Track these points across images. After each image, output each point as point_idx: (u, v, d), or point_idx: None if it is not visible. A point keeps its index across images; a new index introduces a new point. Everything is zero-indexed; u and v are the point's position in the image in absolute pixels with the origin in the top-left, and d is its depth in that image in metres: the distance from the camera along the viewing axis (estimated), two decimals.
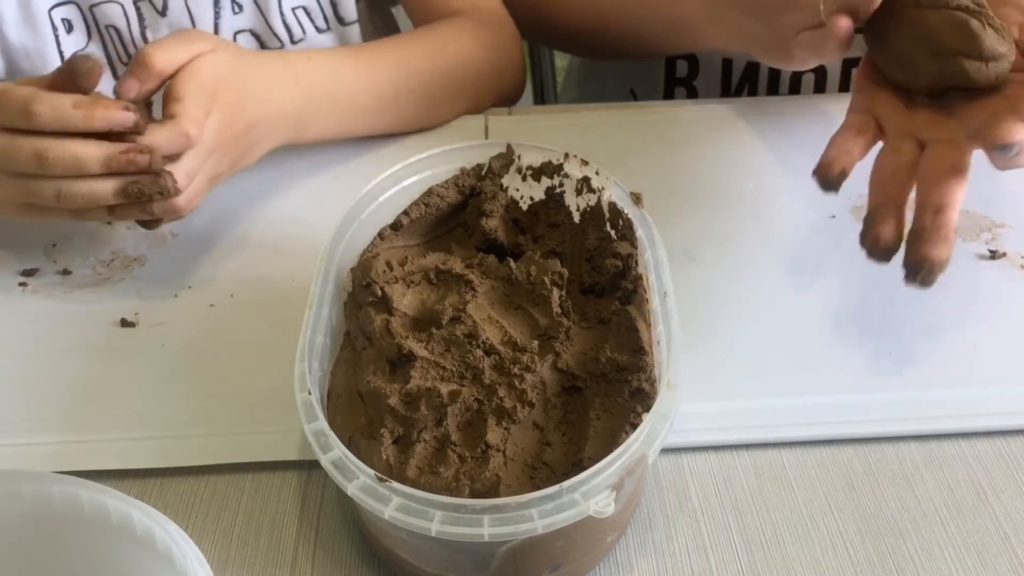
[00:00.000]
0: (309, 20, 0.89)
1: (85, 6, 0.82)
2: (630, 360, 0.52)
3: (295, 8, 0.88)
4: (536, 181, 0.63)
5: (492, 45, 0.87)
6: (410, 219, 0.61)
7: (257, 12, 0.87)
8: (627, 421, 0.49)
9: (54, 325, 0.67)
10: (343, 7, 0.89)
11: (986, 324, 0.64)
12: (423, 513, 0.45)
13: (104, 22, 0.83)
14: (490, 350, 0.52)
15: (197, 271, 0.71)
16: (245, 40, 0.88)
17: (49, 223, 0.76)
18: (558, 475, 0.48)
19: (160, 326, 0.67)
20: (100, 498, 0.43)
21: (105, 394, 0.62)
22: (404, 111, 0.82)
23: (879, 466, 0.57)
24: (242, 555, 0.54)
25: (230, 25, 0.87)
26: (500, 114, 0.87)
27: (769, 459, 0.58)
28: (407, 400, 0.50)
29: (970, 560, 0.52)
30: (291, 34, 0.88)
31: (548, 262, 0.57)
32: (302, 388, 0.50)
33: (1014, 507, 0.55)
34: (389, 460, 0.48)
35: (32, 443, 0.59)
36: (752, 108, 0.85)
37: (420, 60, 0.82)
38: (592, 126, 0.85)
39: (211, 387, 0.62)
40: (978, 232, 0.71)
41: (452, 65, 0.83)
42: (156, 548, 0.42)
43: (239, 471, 0.58)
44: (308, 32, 0.89)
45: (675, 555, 0.53)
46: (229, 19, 0.86)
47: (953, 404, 0.59)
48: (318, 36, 0.90)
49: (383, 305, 0.55)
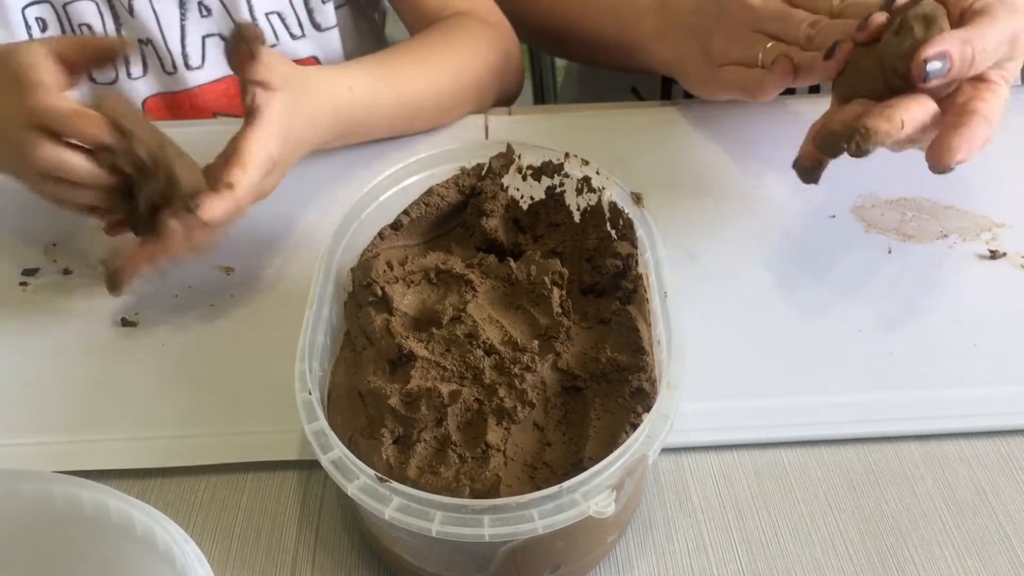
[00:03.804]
0: (283, 26, 0.88)
1: (59, 5, 0.82)
2: (630, 360, 0.52)
3: (268, 13, 0.87)
4: (536, 181, 0.63)
5: (497, 48, 0.87)
6: (410, 219, 0.61)
7: (226, 16, 0.86)
8: (627, 421, 0.49)
9: (54, 325, 0.67)
10: (320, 13, 0.88)
11: (986, 324, 0.64)
12: (423, 513, 0.45)
13: (78, 20, 0.83)
14: (490, 350, 0.52)
15: (197, 271, 0.71)
16: (215, 44, 0.88)
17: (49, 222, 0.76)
18: (558, 475, 0.48)
19: (160, 326, 0.67)
20: (100, 498, 0.43)
21: (105, 394, 0.62)
22: (424, 119, 0.82)
23: (879, 466, 0.57)
24: (242, 555, 0.54)
25: (197, 28, 0.86)
26: (500, 114, 0.87)
27: (769, 459, 0.58)
28: (407, 400, 0.50)
29: (970, 560, 0.52)
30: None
31: (548, 262, 0.57)
32: (302, 388, 0.50)
33: (1014, 507, 0.55)
34: (389, 460, 0.48)
35: (32, 443, 0.59)
36: (752, 108, 0.85)
37: (443, 74, 0.82)
38: (592, 126, 0.85)
39: (211, 387, 0.62)
40: (978, 232, 0.71)
41: (468, 72, 0.84)
42: (156, 548, 0.42)
43: (239, 471, 0.58)
44: (282, 38, 0.88)
45: (675, 555, 0.53)
46: (196, 22, 0.86)
47: (953, 404, 0.59)
48: (292, 43, 0.89)
49: (383, 305, 0.55)
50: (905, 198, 0.75)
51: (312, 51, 0.91)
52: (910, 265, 0.69)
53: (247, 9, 0.85)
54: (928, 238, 0.71)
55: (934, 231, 0.72)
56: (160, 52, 0.86)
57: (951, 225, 0.72)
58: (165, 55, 0.86)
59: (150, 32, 0.85)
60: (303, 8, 0.88)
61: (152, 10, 0.84)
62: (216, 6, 0.85)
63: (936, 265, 0.69)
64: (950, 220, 0.73)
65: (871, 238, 0.71)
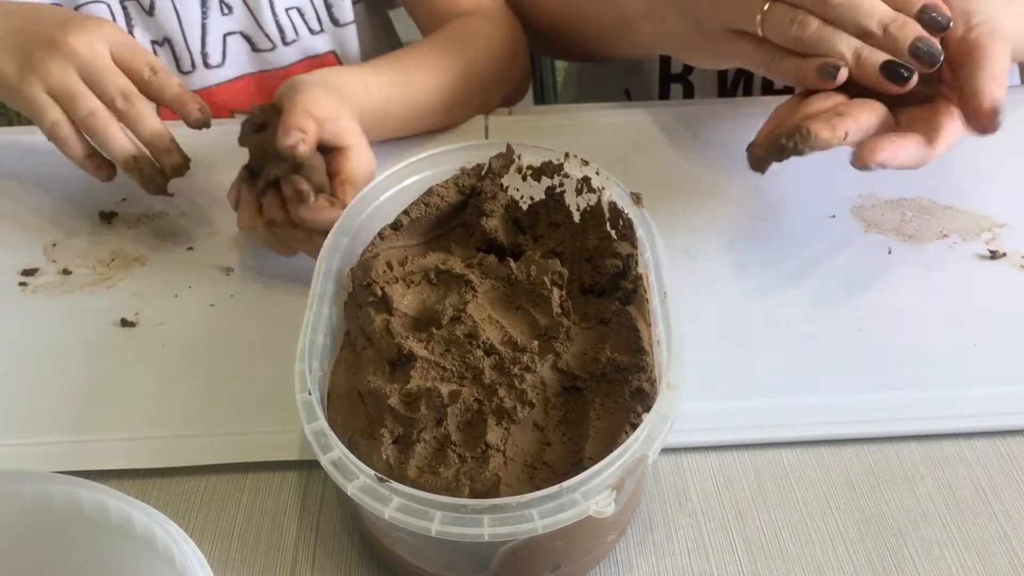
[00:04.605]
0: (303, 21, 0.89)
1: (71, 6, 0.82)
2: (630, 360, 0.52)
3: (288, 9, 0.87)
4: (536, 181, 0.63)
5: (505, 48, 0.88)
6: (410, 219, 0.61)
7: (248, 13, 0.87)
8: (627, 421, 0.49)
9: (54, 325, 0.68)
10: (338, 8, 0.89)
11: (986, 324, 0.64)
12: (423, 513, 0.45)
13: None
14: (490, 350, 0.52)
15: (197, 271, 0.71)
16: (235, 42, 0.88)
17: (49, 222, 0.76)
18: (558, 475, 0.48)
19: (160, 326, 0.67)
20: (100, 498, 0.43)
21: (105, 394, 0.62)
22: (433, 120, 0.82)
23: (879, 466, 0.57)
24: (242, 555, 0.54)
25: (219, 27, 0.86)
26: (500, 114, 0.87)
27: (769, 459, 0.58)
28: (407, 400, 0.50)
29: (970, 560, 0.52)
30: (283, 35, 0.88)
31: (548, 262, 0.57)
32: (302, 388, 0.50)
33: (1014, 507, 0.55)
34: (389, 460, 0.48)
35: (32, 443, 0.59)
36: (752, 107, 0.84)
37: (452, 76, 0.82)
38: (592, 126, 0.85)
39: (211, 387, 0.62)
40: (978, 232, 0.71)
41: (476, 74, 0.84)
42: (156, 548, 0.42)
43: (239, 471, 0.58)
44: (301, 33, 0.89)
45: (675, 555, 0.53)
46: (217, 20, 0.86)
47: (953, 404, 0.59)
48: (312, 37, 0.90)
49: (383, 305, 0.55)
50: (905, 198, 0.75)
51: (330, 46, 0.91)
52: (910, 265, 0.69)
53: (268, 6, 0.86)
54: (928, 238, 0.71)
55: (934, 231, 0.72)
56: (178, 51, 0.87)
57: (951, 225, 0.72)
58: (183, 54, 0.87)
59: (169, 31, 0.85)
60: (322, 4, 0.89)
61: (174, 8, 0.84)
62: (237, 3, 0.86)
63: (936, 265, 0.69)
64: (950, 220, 0.73)
65: (871, 238, 0.71)
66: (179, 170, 0.70)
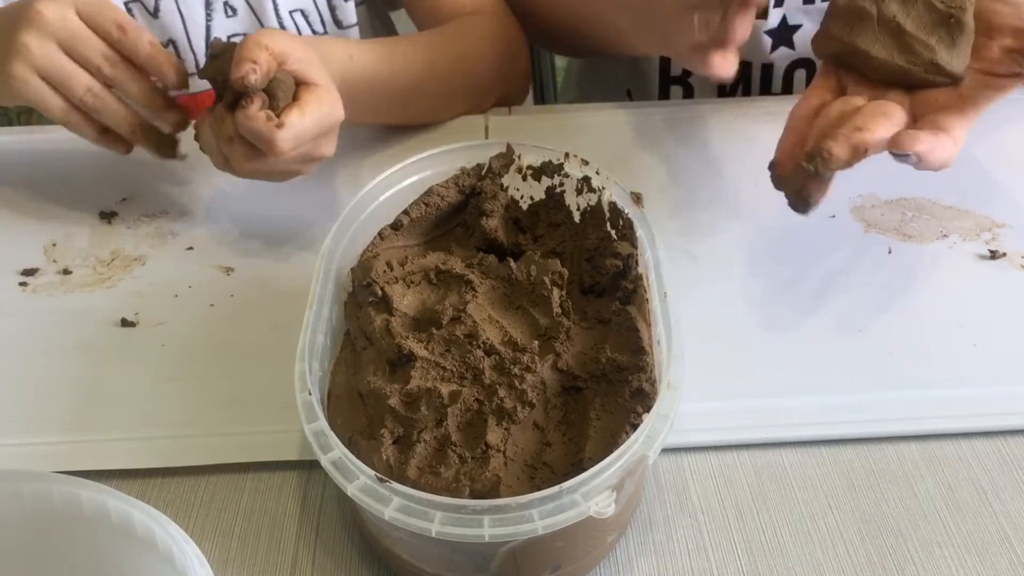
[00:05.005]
0: (307, 23, 0.89)
1: None
2: (630, 360, 0.52)
3: (292, 11, 0.87)
4: (536, 181, 0.63)
5: (505, 51, 0.88)
6: (410, 219, 0.61)
7: (251, 15, 0.87)
8: (627, 421, 0.49)
9: (54, 325, 0.67)
10: (342, 11, 0.89)
11: (986, 324, 0.64)
12: (423, 514, 0.45)
13: None
14: (490, 350, 0.52)
15: (197, 271, 0.71)
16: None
17: (49, 221, 0.76)
18: (558, 475, 0.48)
19: (160, 326, 0.67)
20: (100, 498, 0.43)
21: (105, 394, 0.62)
22: (424, 105, 0.82)
23: (879, 466, 0.57)
24: (242, 555, 0.54)
25: (223, 29, 0.86)
26: (500, 114, 0.87)
27: (769, 459, 0.58)
28: (407, 400, 0.50)
29: (970, 560, 0.52)
30: None
31: (548, 262, 0.57)
32: (302, 388, 0.50)
33: (1014, 507, 0.55)
34: (389, 460, 0.48)
35: (32, 443, 0.59)
36: (752, 107, 0.85)
37: (443, 62, 0.82)
38: (592, 126, 0.84)
39: (211, 387, 0.62)
40: (978, 232, 0.71)
41: (469, 64, 0.84)
42: (156, 548, 0.42)
43: (239, 471, 0.58)
44: (305, 35, 0.89)
45: (675, 555, 0.53)
46: (222, 22, 0.86)
47: (953, 404, 0.59)
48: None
49: (383, 305, 0.55)
50: (905, 198, 0.75)
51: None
52: (910, 265, 0.69)
53: (272, 8, 0.86)
54: (928, 238, 0.71)
55: (934, 231, 0.72)
56: (183, 54, 0.87)
57: (951, 225, 0.72)
58: (188, 56, 0.87)
59: (173, 33, 0.85)
60: (326, 6, 0.89)
61: (178, 11, 0.84)
62: (242, 5, 0.86)
63: (936, 265, 0.69)
64: (950, 220, 0.73)
65: (871, 238, 0.71)
66: (180, 125, 0.71)
